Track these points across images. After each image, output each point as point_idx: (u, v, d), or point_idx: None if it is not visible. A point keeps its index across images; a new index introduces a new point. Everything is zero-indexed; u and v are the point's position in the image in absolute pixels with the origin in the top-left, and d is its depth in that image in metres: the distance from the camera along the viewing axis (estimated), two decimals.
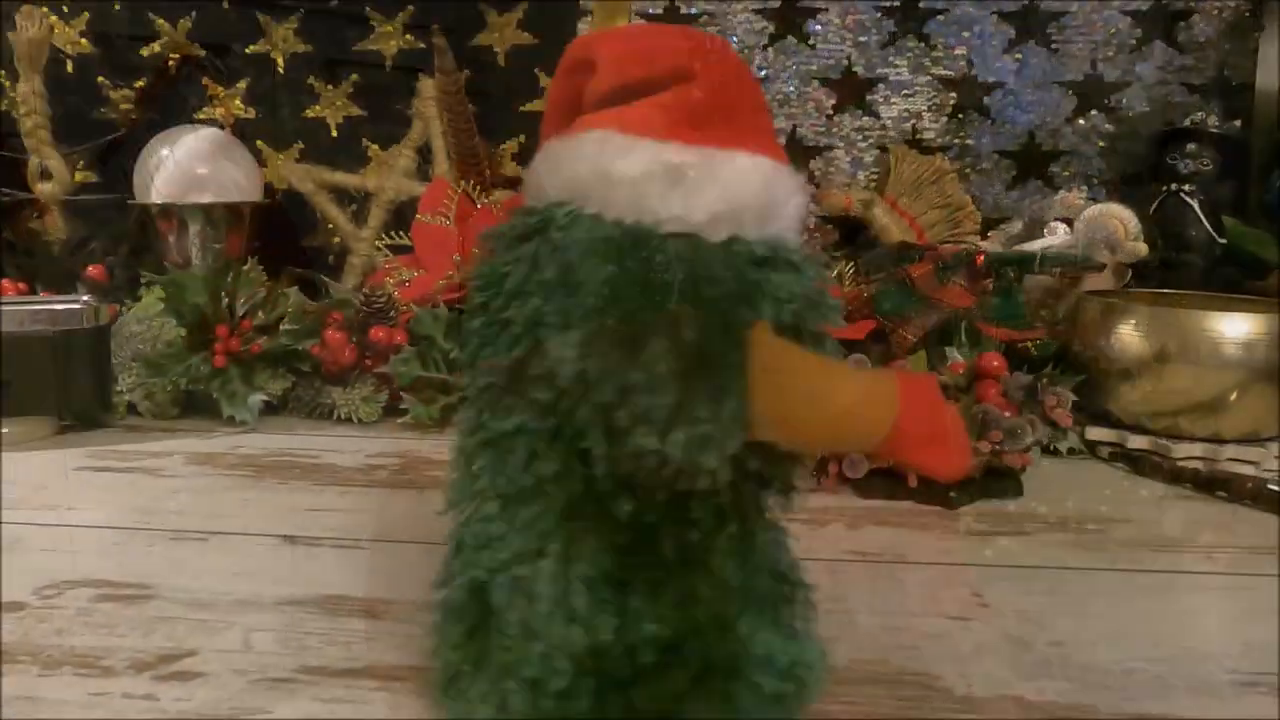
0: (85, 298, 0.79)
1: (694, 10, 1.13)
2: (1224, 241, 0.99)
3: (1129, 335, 0.74)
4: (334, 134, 1.18)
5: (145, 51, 1.17)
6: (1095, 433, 0.75)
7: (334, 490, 0.66)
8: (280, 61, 1.17)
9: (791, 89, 1.13)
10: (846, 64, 1.12)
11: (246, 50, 1.17)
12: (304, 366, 0.85)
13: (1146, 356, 0.73)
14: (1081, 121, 1.10)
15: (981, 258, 0.85)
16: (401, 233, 1.05)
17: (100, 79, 1.17)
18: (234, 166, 1.02)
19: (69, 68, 1.17)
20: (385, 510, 0.62)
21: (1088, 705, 0.39)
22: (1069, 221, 1.02)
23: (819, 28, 1.12)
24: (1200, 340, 0.71)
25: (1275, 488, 0.62)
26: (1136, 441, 0.73)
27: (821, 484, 0.65)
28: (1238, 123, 1.07)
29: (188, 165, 1.00)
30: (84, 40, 1.17)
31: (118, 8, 1.15)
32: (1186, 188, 1.01)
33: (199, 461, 0.72)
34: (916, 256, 0.88)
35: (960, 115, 1.11)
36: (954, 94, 1.11)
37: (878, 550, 0.56)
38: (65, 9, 1.16)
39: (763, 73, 1.13)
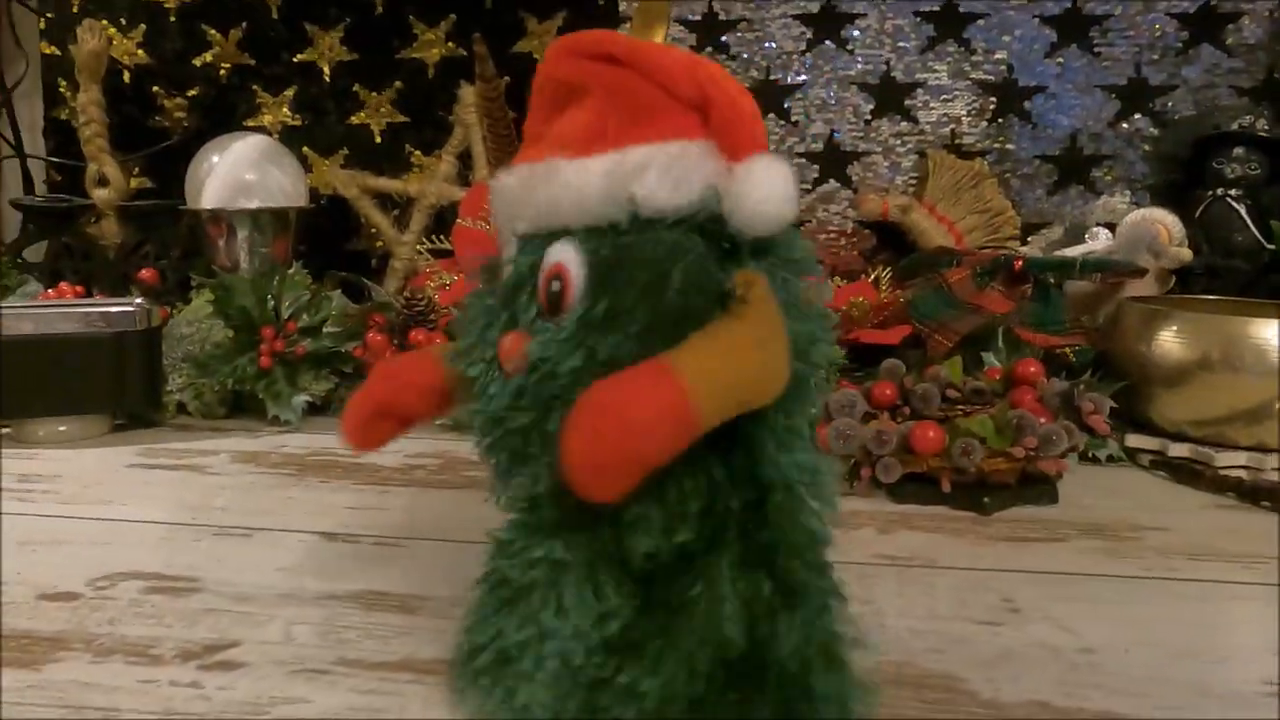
0: (138, 300, 0.81)
1: (732, 17, 1.13)
2: (1272, 247, 0.97)
3: (1171, 341, 0.73)
4: (378, 140, 1.20)
5: (198, 61, 1.20)
6: (1135, 440, 0.74)
7: (374, 489, 0.67)
8: (326, 70, 1.19)
9: (829, 94, 1.13)
10: (885, 69, 1.12)
11: (294, 59, 1.20)
12: (346, 368, 0.87)
13: (1189, 363, 0.72)
14: (1125, 125, 1.09)
15: (1020, 263, 0.85)
16: (443, 237, 1.07)
17: (155, 88, 1.21)
18: (281, 173, 1.04)
19: (125, 78, 1.20)
20: (423, 509, 0.63)
21: (1118, 713, 0.39)
22: (1111, 227, 1.01)
23: (857, 33, 1.12)
24: (1245, 347, 0.70)
25: None
26: (1178, 450, 0.72)
27: (854, 488, 0.66)
28: None
29: (236, 172, 1.02)
30: (140, 51, 1.21)
31: (172, 20, 1.19)
32: (1233, 192, 0.99)
33: (244, 460, 0.74)
34: (954, 261, 0.88)
35: (1000, 120, 1.11)
36: (994, 98, 1.10)
37: (908, 554, 0.56)
38: (123, 22, 1.20)
39: (801, 78, 1.13)
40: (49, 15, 1.20)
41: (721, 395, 0.31)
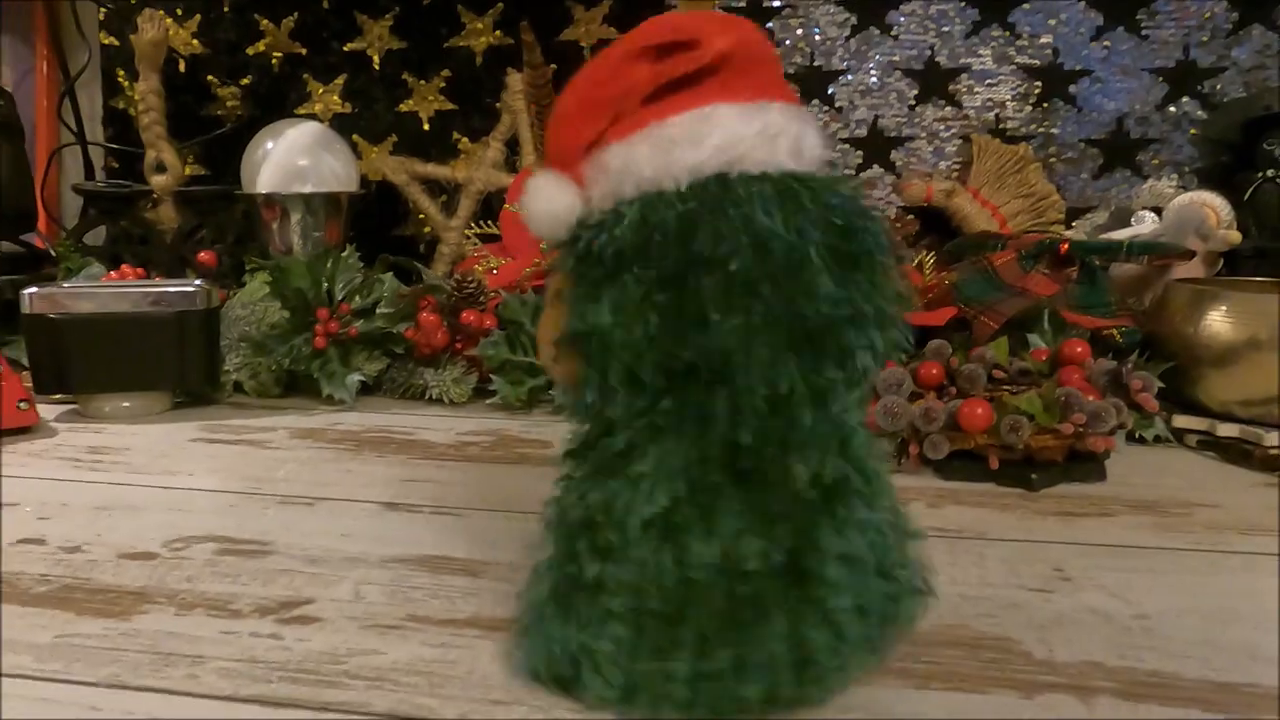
0: (198, 282, 0.84)
1: (777, 3, 1.14)
2: None
3: (1219, 322, 0.73)
4: (426, 127, 1.22)
5: (251, 51, 1.23)
6: (1182, 420, 0.74)
7: (429, 464, 0.69)
8: (376, 58, 1.22)
9: (874, 79, 1.13)
10: (930, 54, 1.12)
11: (344, 48, 1.22)
12: (398, 349, 0.88)
13: (1237, 344, 0.72)
14: (1172, 109, 1.08)
15: (1066, 246, 0.85)
16: (490, 222, 1.09)
17: (210, 77, 1.24)
18: (333, 158, 1.06)
19: (181, 67, 1.23)
20: (479, 482, 0.65)
21: (1171, 673, 0.40)
22: (1158, 210, 1.00)
23: (902, 19, 1.12)
24: None
25: None
26: (1226, 430, 0.72)
27: (902, 465, 0.66)
28: None
29: (290, 157, 1.05)
30: (196, 41, 1.23)
31: (227, 10, 1.22)
32: None
33: (302, 435, 0.76)
34: (999, 245, 0.88)
35: (1045, 104, 1.10)
36: (1039, 82, 1.10)
37: (958, 527, 0.56)
38: (179, 12, 1.23)
39: (845, 64, 1.14)
40: (109, 6, 1.24)
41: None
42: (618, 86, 0.36)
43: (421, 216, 1.19)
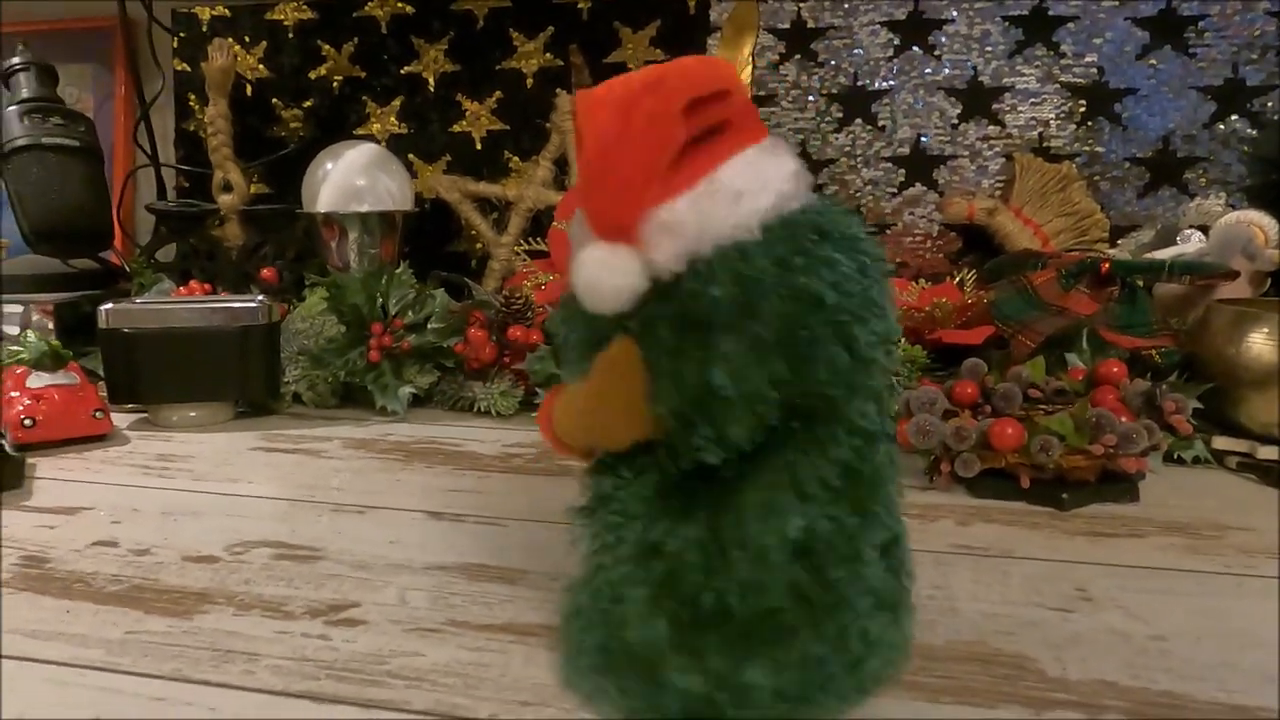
0: (260, 297, 0.88)
1: (821, 24, 1.15)
2: None
3: (1261, 343, 0.73)
4: (478, 147, 1.26)
5: (313, 75, 1.28)
6: (1222, 442, 0.74)
7: (475, 474, 0.72)
8: (431, 81, 1.26)
9: (917, 99, 1.14)
10: (973, 74, 1.12)
11: (401, 71, 1.26)
12: (448, 362, 0.92)
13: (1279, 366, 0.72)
14: (1221, 126, 1.07)
15: (1107, 265, 0.85)
16: (539, 238, 1.12)
17: (274, 100, 1.29)
18: (388, 179, 1.10)
19: (248, 91, 1.29)
20: (522, 493, 0.67)
21: (1183, 694, 0.41)
22: (1205, 229, 0.99)
23: (945, 39, 1.12)
24: None
25: None
26: (1266, 452, 0.72)
27: (934, 482, 0.67)
28: None
29: (348, 178, 1.09)
30: (261, 66, 1.29)
31: (291, 36, 1.27)
32: None
33: (355, 446, 0.80)
34: (1039, 264, 0.88)
35: (1090, 123, 1.10)
36: (1084, 101, 1.10)
37: (985, 545, 0.57)
38: (247, 39, 1.28)
39: (888, 83, 1.15)
40: (182, 35, 1.30)
41: (570, 434, 0.39)
42: (674, 145, 0.34)
43: (474, 233, 1.23)
